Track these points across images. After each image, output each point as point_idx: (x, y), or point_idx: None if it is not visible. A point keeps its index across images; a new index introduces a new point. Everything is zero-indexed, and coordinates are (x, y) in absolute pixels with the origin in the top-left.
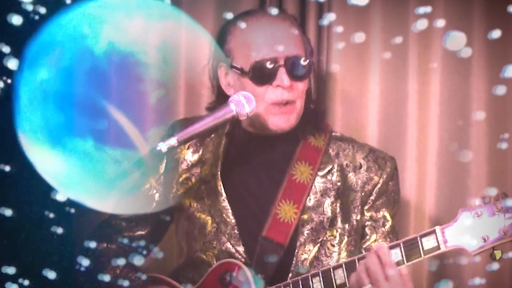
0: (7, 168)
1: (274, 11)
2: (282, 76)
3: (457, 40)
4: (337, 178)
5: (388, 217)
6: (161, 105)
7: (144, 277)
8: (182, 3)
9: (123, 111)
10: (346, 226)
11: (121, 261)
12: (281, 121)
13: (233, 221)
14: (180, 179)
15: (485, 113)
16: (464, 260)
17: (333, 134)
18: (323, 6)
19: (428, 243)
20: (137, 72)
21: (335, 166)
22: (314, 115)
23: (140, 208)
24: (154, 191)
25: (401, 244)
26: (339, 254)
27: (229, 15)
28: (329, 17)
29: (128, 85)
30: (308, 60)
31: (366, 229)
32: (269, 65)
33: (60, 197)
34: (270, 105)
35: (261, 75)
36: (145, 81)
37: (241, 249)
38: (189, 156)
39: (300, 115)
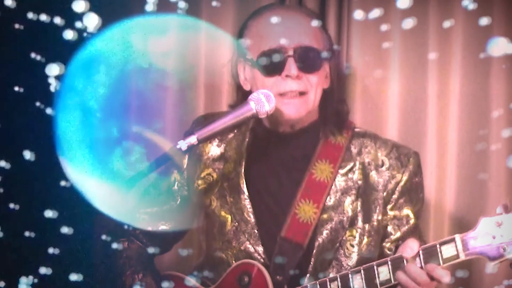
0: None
1: (294, 7)
2: (290, 66)
3: (500, 45)
4: (358, 176)
5: (411, 215)
6: (182, 103)
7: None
8: (202, 10)
9: (144, 109)
10: (366, 226)
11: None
12: (290, 110)
13: (253, 220)
14: (202, 174)
15: (505, 111)
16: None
17: (356, 130)
18: (343, 3)
19: (447, 251)
20: (158, 70)
21: (357, 164)
22: (337, 115)
23: (164, 202)
24: (179, 185)
25: (420, 252)
26: (359, 254)
27: None
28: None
29: (148, 84)
30: (320, 52)
31: (389, 228)
32: (277, 55)
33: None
34: (279, 96)
35: (269, 65)
36: (166, 79)
37: (260, 249)
38: (212, 150)
39: (315, 110)
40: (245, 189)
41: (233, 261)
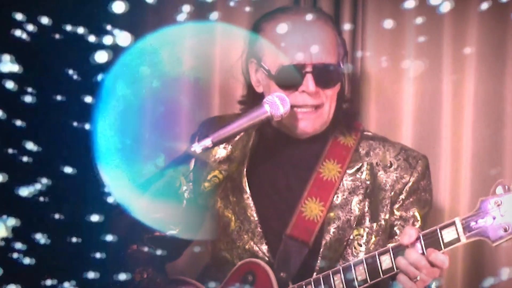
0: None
1: (309, 10)
2: (308, 82)
3: None
4: (366, 176)
5: (418, 217)
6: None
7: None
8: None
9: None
10: (374, 225)
11: (149, 264)
12: (305, 125)
13: (256, 219)
14: (209, 176)
15: None
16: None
17: (365, 133)
18: (358, 4)
19: (448, 235)
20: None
21: (365, 164)
22: (346, 116)
23: (170, 206)
24: (184, 188)
25: (421, 237)
26: (366, 253)
27: None
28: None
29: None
30: (337, 68)
31: (395, 228)
32: (296, 71)
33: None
34: (294, 109)
35: (287, 80)
36: (179, 80)
37: (264, 247)
38: (218, 152)
39: (329, 119)
40: (247, 188)
41: (238, 261)
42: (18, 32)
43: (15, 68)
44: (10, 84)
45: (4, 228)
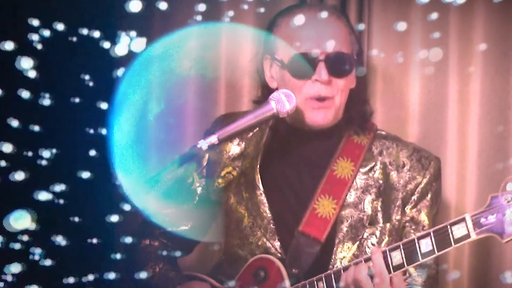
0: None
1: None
2: (321, 71)
3: None
4: (379, 175)
5: (427, 220)
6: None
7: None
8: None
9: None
10: (387, 225)
11: (161, 259)
12: (318, 117)
13: (269, 215)
14: (222, 173)
15: None
16: None
17: (378, 132)
18: (364, 2)
19: (458, 231)
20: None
21: (378, 163)
22: (361, 115)
23: (183, 202)
24: (197, 185)
25: (432, 234)
26: None
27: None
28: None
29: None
30: (350, 57)
31: (406, 229)
32: (308, 59)
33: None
34: (307, 100)
35: (300, 68)
36: (187, 77)
37: (276, 244)
38: (232, 149)
39: (340, 112)
40: (260, 185)
41: (250, 257)
42: (35, 37)
43: (32, 74)
44: (26, 92)
45: (29, 219)
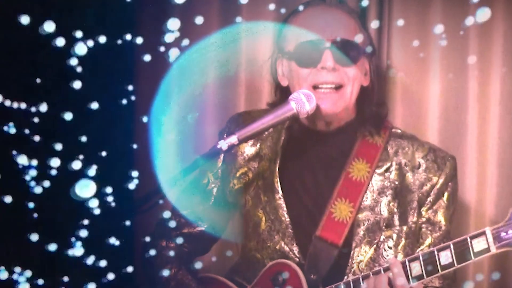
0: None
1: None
2: (327, 57)
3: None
4: (395, 176)
5: (444, 221)
6: (222, 101)
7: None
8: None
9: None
10: (404, 228)
11: (178, 262)
12: (326, 104)
13: (288, 219)
14: (238, 174)
15: None
16: None
17: (393, 130)
18: (384, 3)
19: (478, 245)
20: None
21: (393, 164)
22: (375, 115)
23: (198, 203)
24: (213, 185)
25: (451, 246)
26: (396, 257)
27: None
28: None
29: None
30: (357, 46)
31: (422, 230)
32: (314, 47)
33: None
34: (316, 89)
35: (306, 56)
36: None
37: (295, 248)
38: (247, 149)
39: (352, 106)
40: (279, 188)
41: (268, 261)
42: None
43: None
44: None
45: (92, 188)
